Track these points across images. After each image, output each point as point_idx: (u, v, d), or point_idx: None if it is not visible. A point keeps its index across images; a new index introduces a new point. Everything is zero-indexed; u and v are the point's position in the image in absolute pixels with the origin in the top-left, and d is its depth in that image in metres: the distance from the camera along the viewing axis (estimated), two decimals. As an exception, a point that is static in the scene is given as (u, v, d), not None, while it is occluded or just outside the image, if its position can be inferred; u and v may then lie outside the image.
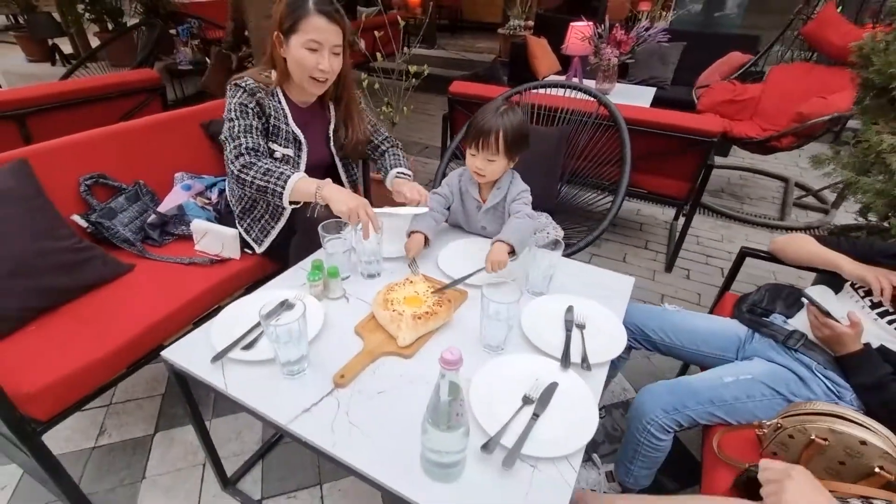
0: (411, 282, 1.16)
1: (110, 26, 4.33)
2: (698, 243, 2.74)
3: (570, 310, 1.12)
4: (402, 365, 0.97)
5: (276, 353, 0.89)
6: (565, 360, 0.96)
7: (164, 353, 0.97)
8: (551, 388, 0.90)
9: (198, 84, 4.45)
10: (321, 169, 1.51)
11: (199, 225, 1.44)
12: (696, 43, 4.31)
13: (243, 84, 1.31)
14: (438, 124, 2.82)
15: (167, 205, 1.50)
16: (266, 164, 1.24)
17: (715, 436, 1.03)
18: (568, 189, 2.10)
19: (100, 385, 1.15)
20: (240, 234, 1.48)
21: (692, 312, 1.29)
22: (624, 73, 4.40)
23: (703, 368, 1.23)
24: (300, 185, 1.21)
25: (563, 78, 3.95)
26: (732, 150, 3.94)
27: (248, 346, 0.97)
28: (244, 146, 1.26)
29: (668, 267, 2.45)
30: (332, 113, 1.49)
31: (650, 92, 3.49)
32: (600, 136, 1.99)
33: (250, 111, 1.30)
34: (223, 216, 1.58)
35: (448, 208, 1.45)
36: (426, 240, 1.32)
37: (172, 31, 3.99)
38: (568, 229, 1.94)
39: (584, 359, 0.97)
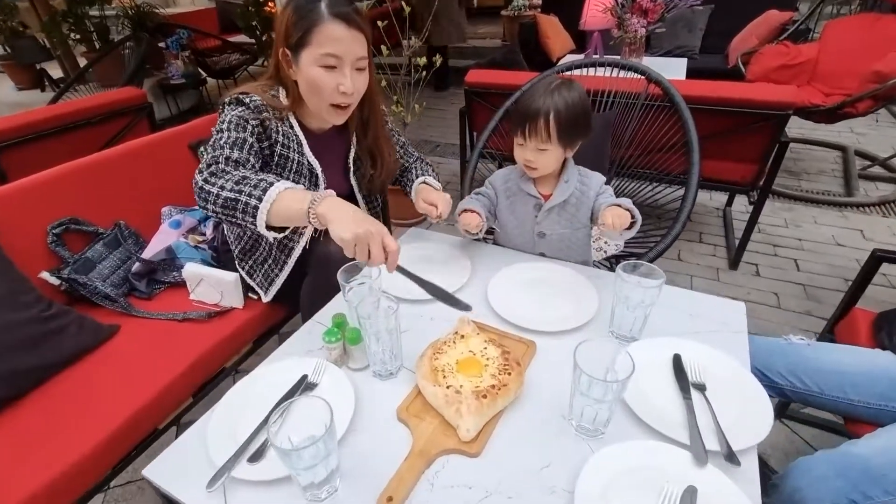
0: (462, 336, 0.89)
1: (98, 45, 4.12)
2: (760, 231, 2.41)
3: (677, 362, 0.84)
4: (467, 468, 0.70)
5: (296, 477, 0.63)
6: (700, 451, 0.68)
7: (147, 472, 0.71)
8: (689, 499, 0.63)
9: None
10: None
11: (191, 270, 1.19)
12: (723, 5, 3.93)
13: (247, 101, 1.01)
14: (449, 119, 2.55)
15: (153, 249, 1.25)
16: (246, 173, 0.90)
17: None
18: (617, 183, 1.81)
19: (75, 499, 0.91)
20: (242, 277, 1.22)
21: (828, 345, 0.99)
22: (646, 44, 4.05)
23: (848, 420, 0.94)
24: (286, 199, 0.84)
25: (581, 57, 3.63)
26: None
27: (256, 457, 0.71)
28: (224, 156, 0.93)
29: (734, 263, 2.13)
30: (354, 137, 1.20)
31: (682, 63, 3.16)
32: (654, 120, 1.69)
33: (249, 126, 1.00)
34: (221, 254, 1.32)
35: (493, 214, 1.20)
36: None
37: (161, 45, 3.75)
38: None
39: (727, 448, 0.68)
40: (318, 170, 1.11)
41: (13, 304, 0.99)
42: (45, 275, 1.14)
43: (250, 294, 1.26)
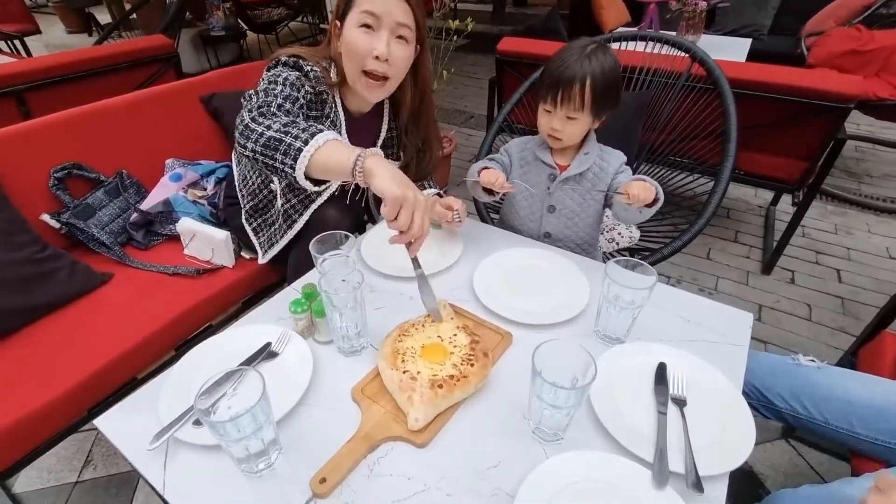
0: (434, 320, 0.84)
1: (145, -9, 4.16)
2: (804, 235, 2.22)
3: (661, 372, 0.77)
4: (411, 458, 0.67)
5: (227, 448, 0.61)
6: (660, 472, 0.62)
7: (98, 422, 0.73)
8: (639, 525, 0.57)
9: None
10: (352, 192, 1.19)
11: (185, 225, 1.19)
12: (803, -19, 3.54)
13: (307, 68, 0.98)
14: (486, 88, 2.43)
15: (151, 201, 1.26)
16: (295, 119, 0.88)
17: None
18: (646, 169, 1.68)
19: (53, 434, 0.95)
20: (248, 234, 1.21)
21: (841, 371, 0.88)
22: (709, 21, 3.72)
23: (856, 454, 0.85)
24: (332, 149, 0.80)
25: (634, 30, 3.38)
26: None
27: (201, 421, 0.70)
28: (277, 104, 0.90)
29: (767, 267, 1.97)
30: (386, 121, 1.16)
31: (745, 44, 2.86)
32: (693, 104, 1.54)
33: (303, 91, 0.97)
34: (220, 211, 1.31)
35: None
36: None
37: (204, -5, 3.76)
38: (642, 225, 1.54)
39: (693, 472, 0.62)
40: None
41: (6, 243, 1.02)
42: (45, 217, 1.17)
43: (244, 254, 1.26)
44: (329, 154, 0.80)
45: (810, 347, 1.61)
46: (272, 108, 0.89)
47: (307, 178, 0.82)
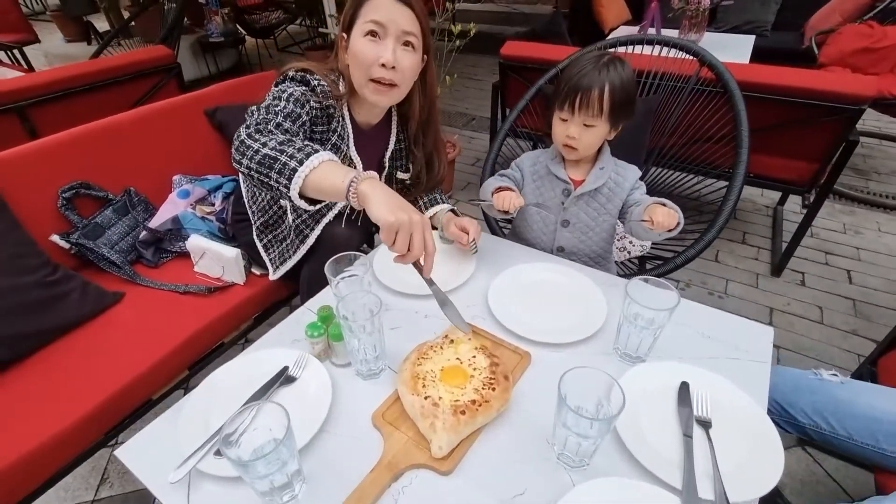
0: (452, 341, 0.84)
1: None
2: (812, 235, 2.20)
3: (684, 392, 0.76)
4: (436, 486, 0.66)
5: (251, 483, 0.61)
6: (692, 499, 0.61)
7: (119, 453, 0.72)
8: (672, 557, 0.57)
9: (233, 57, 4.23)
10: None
11: (195, 243, 1.18)
12: (806, -25, 3.51)
13: (314, 83, 0.98)
14: (487, 90, 2.42)
15: (159, 219, 1.25)
16: (291, 138, 0.86)
17: None
18: (655, 173, 1.67)
19: (68, 462, 0.94)
20: (258, 250, 1.20)
21: (864, 385, 0.87)
22: (711, 18, 3.70)
23: (881, 470, 0.84)
24: (326, 170, 0.79)
25: (636, 29, 3.36)
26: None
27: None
28: (276, 122, 0.90)
29: (777, 269, 1.96)
30: (394, 133, 1.16)
31: (749, 41, 2.85)
32: (702, 108, 1.52)
33: (307, 107, 0.97)
34: (229, 227, 1.31)
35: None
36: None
37: (202, 0, 3.73)
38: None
39: (725, 500, 0.61)
40: (360, 166, 1.09)
41: (18, 267, 1.01)
42: (55, 238, 1.17)
43: (254, 270, 1.25)
44: (324, 175, 0.79)
45: (823, 351, 1.60)
46: (269, 126, 0.88)
47: (302, 197, 0.82)
